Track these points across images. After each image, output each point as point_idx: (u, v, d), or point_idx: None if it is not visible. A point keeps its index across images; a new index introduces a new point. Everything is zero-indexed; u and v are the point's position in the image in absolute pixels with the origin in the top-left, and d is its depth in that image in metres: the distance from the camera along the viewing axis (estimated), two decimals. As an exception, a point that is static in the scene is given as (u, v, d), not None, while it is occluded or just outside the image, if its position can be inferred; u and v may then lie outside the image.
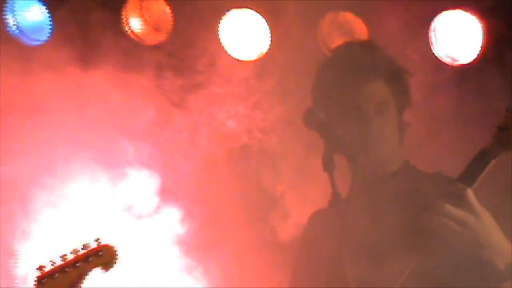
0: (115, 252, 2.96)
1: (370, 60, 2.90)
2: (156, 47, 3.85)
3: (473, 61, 3.47)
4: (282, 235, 3.49)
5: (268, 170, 3.52)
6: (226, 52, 3.77)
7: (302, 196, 3.48)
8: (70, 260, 2.91)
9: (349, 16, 3.65)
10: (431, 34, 3.50)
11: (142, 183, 3.50)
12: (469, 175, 2.57)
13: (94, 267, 2.92)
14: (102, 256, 2.92)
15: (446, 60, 3.52)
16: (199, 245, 3.67)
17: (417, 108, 3.11)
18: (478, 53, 3.46)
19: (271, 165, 3.54)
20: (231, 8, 3.73)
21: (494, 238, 2.55)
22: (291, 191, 3.56)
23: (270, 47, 3.74)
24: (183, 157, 3.53)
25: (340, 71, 2.89)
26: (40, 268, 2.91)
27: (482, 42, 3.42)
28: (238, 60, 3.79)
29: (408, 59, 3.34)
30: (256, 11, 3.73)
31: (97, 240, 2.90)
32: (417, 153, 3.15)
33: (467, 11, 3.44)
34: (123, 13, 3.75)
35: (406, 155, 2.99)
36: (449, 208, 2.48)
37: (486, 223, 2.53)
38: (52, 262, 2.90)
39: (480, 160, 2.58)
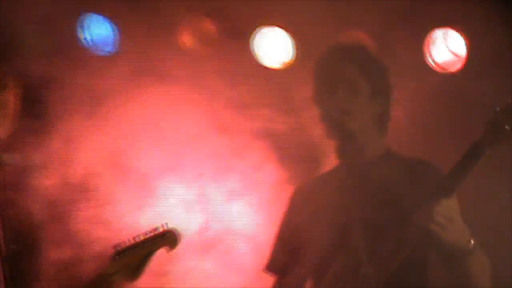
0: (178, 236, 3.36)
1: (360, 59, 3.29)
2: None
3: (458, 70, 4.07)
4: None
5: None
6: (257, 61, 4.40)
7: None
8: (140, 241, 3.34)
9: (360, 35, 4.22)
10: (426, 47, 4.10)
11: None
12: (462, 167, 2.89)
13: (159, 248, 3.34)
14: (166, 239, 3.33)
15: (437, 69, 4.10)
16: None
17: (410, 106, 3.75)
18: (463, 64, 4.07)
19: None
20: (262, 25, 4.38)
21: (463, 226, 2.94)
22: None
23: (294, 58, 4.35)
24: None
25: (335, 63, 3.32)
26: (116, 246, 3.32)
27: (466, 55, 4.02)
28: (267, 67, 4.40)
29: (406, 67, 3.98)
30: (283, 28, 4.37)
31: (164, 225, 3.32)
32: (406, 144, 3.61)
33: (454, 29, 4.05)
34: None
35: (392, 144, 3.33)
36: (439, 207, 2.83)
37: (460, 217, 2.94)
38: (125, 241, 3.32)
39: (473, 153, 2.87)
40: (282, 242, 3.52)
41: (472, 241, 2.96)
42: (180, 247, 3.36)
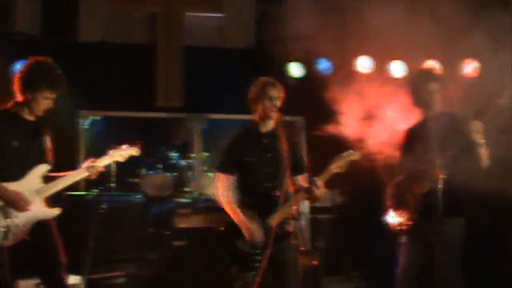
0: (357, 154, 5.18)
1: (438, 75, 5.72)
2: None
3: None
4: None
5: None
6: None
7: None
8: (346, 154, 5.15)
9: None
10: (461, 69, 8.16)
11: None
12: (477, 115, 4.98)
13: (352, 157, 5.13)
14: (355, 153, 5.17)
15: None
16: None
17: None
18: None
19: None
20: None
21: (481, 133, 4.94)
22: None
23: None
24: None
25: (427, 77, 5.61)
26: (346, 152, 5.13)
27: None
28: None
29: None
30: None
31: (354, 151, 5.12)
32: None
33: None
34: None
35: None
36: (471, 124, 4.90)
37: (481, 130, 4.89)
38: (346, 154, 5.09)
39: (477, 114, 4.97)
40: (401, 150, 5.78)
41: (483, 140, 4.91)
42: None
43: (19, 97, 5.03)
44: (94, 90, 8.48)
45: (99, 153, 5.37)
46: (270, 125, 5.31)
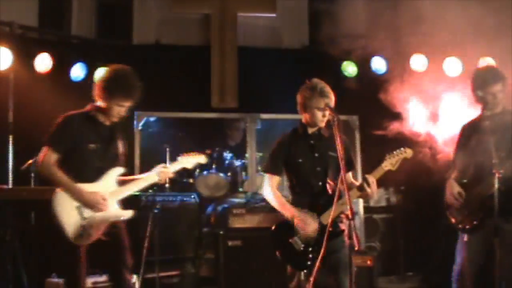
0: (408, 152, 5.03)
1: (501, 75, 5.50)
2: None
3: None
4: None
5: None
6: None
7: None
8: (397, 152, 5.04)
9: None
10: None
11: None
12: None
13: (403, 155, 5.02)
14: (406, 152, 5.03)
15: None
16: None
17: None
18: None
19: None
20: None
21: None
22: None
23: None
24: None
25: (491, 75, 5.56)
26: (392, 152, 4.99)
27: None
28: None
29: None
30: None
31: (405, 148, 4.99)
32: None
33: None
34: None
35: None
36: None
37: None
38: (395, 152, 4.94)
39: None
40: (456, 147, 5.84)
41: None
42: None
43: (97, 102, 5.15)
44: (148, 91, 8.23)
45: (153, 153, 5.36)
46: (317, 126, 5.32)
